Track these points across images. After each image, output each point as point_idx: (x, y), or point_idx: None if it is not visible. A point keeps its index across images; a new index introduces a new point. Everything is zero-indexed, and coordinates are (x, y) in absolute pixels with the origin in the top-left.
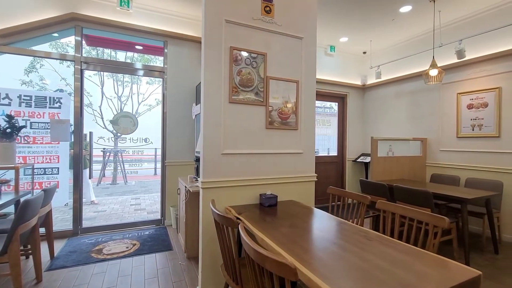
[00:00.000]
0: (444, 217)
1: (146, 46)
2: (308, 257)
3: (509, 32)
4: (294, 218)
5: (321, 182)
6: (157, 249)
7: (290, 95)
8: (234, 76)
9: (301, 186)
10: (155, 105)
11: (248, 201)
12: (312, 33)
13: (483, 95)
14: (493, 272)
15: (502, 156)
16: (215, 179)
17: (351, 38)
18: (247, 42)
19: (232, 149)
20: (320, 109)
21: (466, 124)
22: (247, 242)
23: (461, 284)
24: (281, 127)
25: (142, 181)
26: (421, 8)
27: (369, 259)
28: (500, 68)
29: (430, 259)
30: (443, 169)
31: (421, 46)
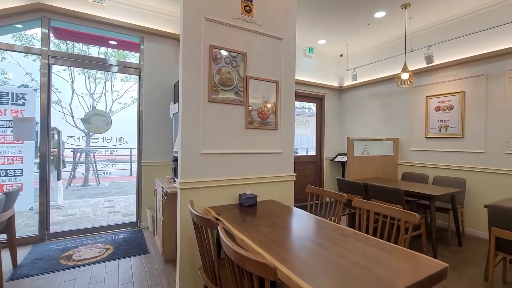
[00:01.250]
0: (414, 214)
1: (121, 41)
2: (287, 256)
3: (472, 40)
4: (273, 218)
5: (300, 181)
6: (132, 253)
7: (270, 95)
8: (214, 75)
9: (280, 186)
10: (131, 103)
11: (227, 201)
12: (292, 34)
13: (449, 98)
14: (457, 263)
15: (466, 155)
16: (193, 179)
17: (329, 40)
18: (227, 40)
19: (211, 149)
20: (299, 109)
21: (434, 125)
22: (227, 243)
23: (430, 276)
24: (261, 127)
25: (117, 182)
26: (394, 15)
27: (346, 256)
28: (464, 73)
29: (402, 254)
30: (414, 167)
31: (394, 51)
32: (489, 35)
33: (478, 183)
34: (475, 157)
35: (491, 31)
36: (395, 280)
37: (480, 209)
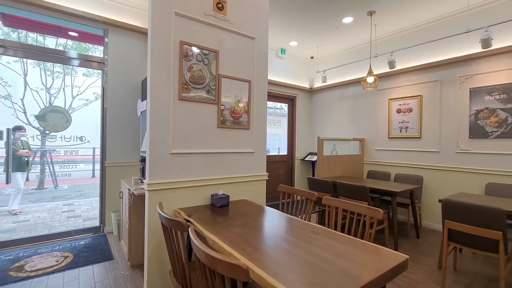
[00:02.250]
0: (378, 209)
1: (82, 33)
2: (259, 256)
3: (429, 48)
4: (246, 217)
5: (272, 180)
6: (94, 260)
7: (243, 94)
8: (185, 72)
9: (253, 185)
10: (94, 99)
11: (199, 202)
12: (264, 34)
13: (409, 101)
14: (416, 254)
15: (423, 154)
16: (163, 180)
17: (300, 42)
18: (199, 37)
19: (182, 148)
20: (271, 109)
21: (396, 126)
22: (198, 246)
23: (393, 268)
24: (233, 127)
25: (77, 184)
26: (361, 21)
27: (316, 253)
28: (422, 79)
29: (368, 248)
30: (377, 166)
31: (361, 55)
32: (443, 44)
33: (433, 179)
34: (431, 156)
35: (444, 40)
36: (361, 274)
37: (435, 204)
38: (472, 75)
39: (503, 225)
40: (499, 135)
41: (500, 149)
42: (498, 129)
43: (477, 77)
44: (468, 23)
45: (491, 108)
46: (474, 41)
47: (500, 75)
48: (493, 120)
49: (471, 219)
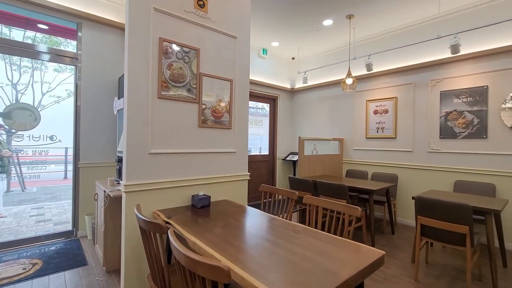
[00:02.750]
0: (357, 207)
1: (53, 26)
2: (241, 256)
3: (403, 52)
4: (227, 218)
5: (253, 180)
6: (66, 266)
7: (224, 94)
8: (164, 70)
9: (234, 185)
10: (66, 97)
11: (179, 203)
12: (246, 33)
13: (385, 103)
14: (391, 249)
15: (398, 154)
16: (141, 181)
17: (282, 43)
18: (179, 35)
19: (161, 148)
20: (253, 109)
21: (373, 127)
22: (177, 248)
23: (370, 264)
24: (214, 126)
25: (47, 186)
26: (340, 24)
27: (297, 252)
28: (397, 81)
29: (347, 245)
30: (356, 165)
31: (340, 57)
32: (417, 49)
33: (407, 178)
34: (405, 155)
35: (418, 45)
36: (341, 271)
37: (409, 201)
38: (443, 79)
39: (469, 220)
40: (466, 135)
41: (467, 149)
42: (465, 130)
43: (447, 80)
44: (439, 30)
45: (459, 110)
46: (444, 47)
47: (467, 79)
48: (461, 121)
49: (441, 215)
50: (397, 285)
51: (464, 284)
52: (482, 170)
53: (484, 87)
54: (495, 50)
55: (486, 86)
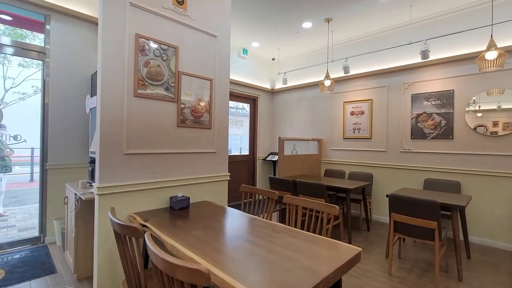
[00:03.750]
0: (335, 206)
1: (17, 17)
2: (221, 258)
3: (378, 56)
4: (207, 219)
5: (233, 180)
6: (33, 275)
7: (204, 93)
8: (141, 68)
9: (214, 186)
10: (32, 93)
11: (157, 205)
12: (226, 33)
13: (361, 105)
14: (367, 246)
15: (373, 154)
16: (115, 183)
17: (262, 44)
18: (157, 31)
19: (138, 148)
20: (233, 109)
21: (350, 127)
22: (154, 252)
23: (348, 261)
24: (194, 126)
25: (11, 190)
26: (319, 27)
27: (277, 251)
28: (372, 84)
29: (325, 243)
30: (334, 164)
31: (319, 59)
32: (390, 54)
33: (381, 176)
34: (379, 155)
35: (391, 50)
36: (320, 268)
37: (383, 199)
38: (414, 83)
39: (437, 215)
40: (435, 136)
41: (435, 149)
42: (434, 131)
43: (418, 84)
44: (410, 36)
45: (428, 112)
46: (416, 52)
47: (436, 83)
48: (430, 123)
49: (412, 211)
50: (372, 280)
51: (432, 275)
52: (448, 169)
53: (450, 91)
54: (461, 57)
55: (452, 90)
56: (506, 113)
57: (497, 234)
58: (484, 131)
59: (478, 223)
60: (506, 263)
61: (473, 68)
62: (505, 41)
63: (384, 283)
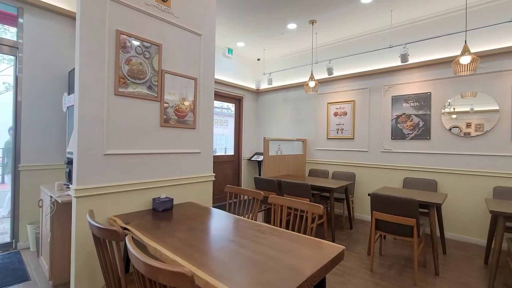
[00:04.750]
0: (319, 205)
1: None
2: (205, 260)
3: (360, 58)
4: (191, 221)
5: (219, 181)
6: (4, 283)
7: (188, 92)
8: (122, 65)
9: (199, 187)
10: (3, 90)
11: (139, 207)
12: (211, 31)
13: (344, 106)
14: (350, 243)
15: (355, 153)
16: (94, 184)
17: (247, 44)
18: (139, 28)
19: (119, 148)
20: (218, 109)
21: (333, 128)
22: (136, 255)
23: (332, 259)
24: (177, 126)
25: None
26: (304, 28)
27: (262, 251)
28: (355, 86)
29: (310, 242)
30: (318, 164)
31: (304, 60)
32: (372, 56)
33: (363, 175)
34: (362, 154)
35: (373, 53)
36: (305, 268)
37: (365, 197)
38: (394, 85)
39: (416, 213)
40: (413, 136)
41: (414, 149)
42: (413, 132)
43: (398, 86)
44: (391, 40)
45: (407, 114)
46: (396, 55)
47: (414, 86)
48: (409, 124)
49: (392, 209)
50: (354, 277)
51: (411, 271)
52: (426, 168)
53: (428, 93)
54: (437, 61)
55: (430, 93)
56: (478, 115)
57: (470, 230)
58: (458, 132)
59: (453, 220)
60: (478, 257)
61: (448, 72)
62: (478, 46)
63: (366, 279)
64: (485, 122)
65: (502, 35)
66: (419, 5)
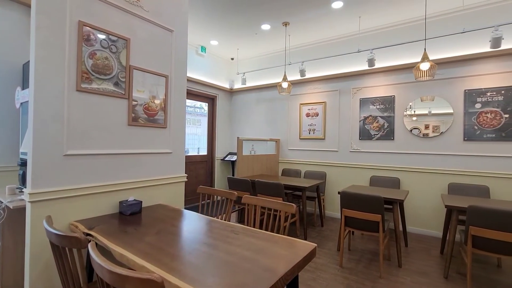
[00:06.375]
0: (292, 204)
1: None
2: (176, 264)
3: (331, 61)
4: (161, 224)
5: (191, 181)
6: None
7: (159, 90)
8: (85, 59)
9: (170, 188)
10: None
11: (104, 211)
12: (183, 28)
13: (316, 107)
14: (321, 240)
15: (326, 153)
16: (53, 188)
17: (221, 42)
18: (105, 21)
19: (82, 149)
20: (191, 108)
21: (305, 128)
22: (99, 263)
23: (304, 257)
24: (147, 124)
25: None
26: (277, 29)
27: (236, 252)
28: (326, 88)
29: (283, 242)
30: (291, 164)
31: (277, 61)
32: (342, 60)
33: (334, 174)
34: (332, 154)
35: (343, 56)
36: (278, 267)
37: (335, 195)
38: (362, 88)
39: (381, 209)
40: (379, 137)
41: (379, 149)
42: (379, 133)
43: (365, 89)
44: (359, 45)
45: (374, 116)
46: (363, 60)
47: (380, 89)
48: (375, 125)
49: (360, 206)
50: (325, 273)
51: (377, 264)
52: (390, 167)
53: (392, 97)
54: (401, 66)
55: (394, 96)
56: (435, 117)
57: (429, 223)
58: (418, 133)
59: (414, 215)
60: (435, 248)
61: (410, 77)
62: (436, 54)
63: (336, 274)
64: (441, 124)
65: (457, 44)
66: (384, 13)
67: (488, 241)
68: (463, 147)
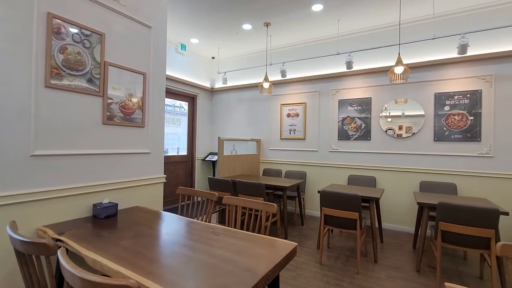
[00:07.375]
0: (273, 204)
1: None
2: (155, 268)
3: (312, 63)
4: (138, 227)
5: (170, 182)
6: None
7: (136, 88)
8: (55, 53)
9: (148, 189)
10: None
11: (76, 215)
12: (162, 24)
13: (296, 107)
14: (301, 239)
15: (306, 153)
16: (17, 191)
17: (202, 41)
18: (77, 13)
19: (51, 149)
20: (170, 107)
21: (286, 128)
22: (70, 270)
23: (285, 256)
24: (124, 123)
25: None
26: (259, 30)
27: (217, 254)
28: (306, 89)
29: (264, 241)
30: (272, 164)
31: (259, 61)
32: (322, 62)
33: (314, 174)
34: (312, 154)
35: (323, 58)
36: (259, 267)
37: (315, 195)
38: (340, 89)
39: (359, 207)
40: (357, 137)
41: (357, 149)
42: (356, 133)
43: (344, 91)
44: (338, 47)
45: (352, 117)
46: (342, 62)
47: (358, 91)
48: (353, 126)
49: (338, 205)
50: (305, 271)
51: (355, 260)
52: (367, 166)
53: (368, 98)
54: (377, 69)
55: (370, 98)
56: (408, 119)
57: (402, 220)
58: (392, 133)
59: (389, 212)
60: (408, 244)
61: (386, 79)
62: (409, 59)
63: (316, 272)
64: (413, 125)
65: (428, 50)
66: (362, 17)
67: (456, 235)
68: (433, 147)
